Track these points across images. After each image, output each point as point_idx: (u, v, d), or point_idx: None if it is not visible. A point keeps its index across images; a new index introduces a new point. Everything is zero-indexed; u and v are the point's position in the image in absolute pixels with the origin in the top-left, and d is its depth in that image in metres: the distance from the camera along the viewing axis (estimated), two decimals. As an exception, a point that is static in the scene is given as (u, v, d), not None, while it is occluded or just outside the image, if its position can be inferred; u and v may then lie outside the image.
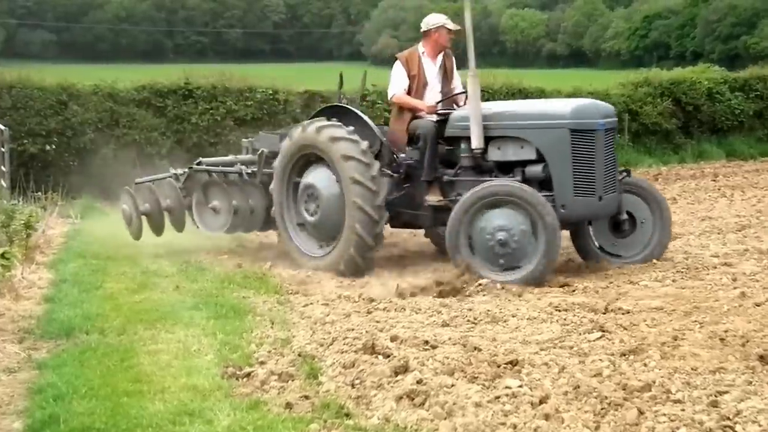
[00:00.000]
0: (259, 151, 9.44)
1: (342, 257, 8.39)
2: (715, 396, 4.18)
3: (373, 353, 5.35)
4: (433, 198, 8.43)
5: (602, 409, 4.21)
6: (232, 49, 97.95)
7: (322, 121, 8.62)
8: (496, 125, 8.17)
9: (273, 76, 17.42)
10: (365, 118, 8.85)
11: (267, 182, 9.20)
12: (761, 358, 4.70)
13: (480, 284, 7.39)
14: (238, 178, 9.57)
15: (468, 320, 6.23)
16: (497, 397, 4.44)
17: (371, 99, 15.64)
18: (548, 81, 20.39)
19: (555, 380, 4.66)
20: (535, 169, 7.98)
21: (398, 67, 9.03)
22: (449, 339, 5.58)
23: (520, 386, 4.57)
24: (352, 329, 6.03)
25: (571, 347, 5.34)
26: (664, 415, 4.05)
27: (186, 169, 9.93)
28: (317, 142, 8.51)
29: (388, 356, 5.25)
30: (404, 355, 5.17)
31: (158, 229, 9.67)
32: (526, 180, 7.90)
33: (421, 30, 9.21)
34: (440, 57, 9.13)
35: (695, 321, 5.73)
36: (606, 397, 4.30)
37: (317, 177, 8.67)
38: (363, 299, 7.22)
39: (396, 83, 9.00)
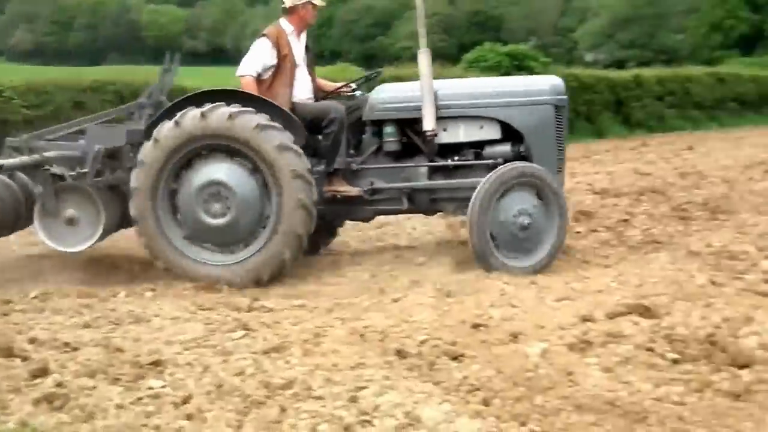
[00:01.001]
0: (96, 149, 7.56)
1: (284, 246, 7.25)
2: (355, 391, 4.30)
3: (10, 356, 5.01)
4: (347, 189, 7.72)
5: (245, 407, 4.20)
6: None
7: (202, 107, 7.29)
8: (446, 105, 7.73)
9: None
10: (261, 96, 7.63)
11: (103, 185, 7.67)
12: (398, 352, 4.90)
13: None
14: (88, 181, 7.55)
15: (110, 321, 5.97)
16: (140, 399, 4.32)
17: (7, 95, 14.70)
18: (190, 79, 20.22)
19: (198, 380, 4.60)
20: (500, 150, 7.74)
21: (266, 45, 7.88)
22: (91, 340, 5.34)
23: (163, 387, 4.48)
24: (-13, 331, 5.59)
25: (215, 346, 5.28)
26: (306, 411, 4.10)
27: None
28: (211, 127, 7.24)
29: (26, 359, 4.95)
30: (43, 358, 4.91)
31: None
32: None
33: (286, 6, 8.08)
34: (303, 36, 8.21)
35: (337, 318, 5.92)
36: (249, 396, 4.30)
37: (219, 171, 7.38)
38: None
39: (254, 62, 7.86)
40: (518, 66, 26.09)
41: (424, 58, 7.70)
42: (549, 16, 73.47)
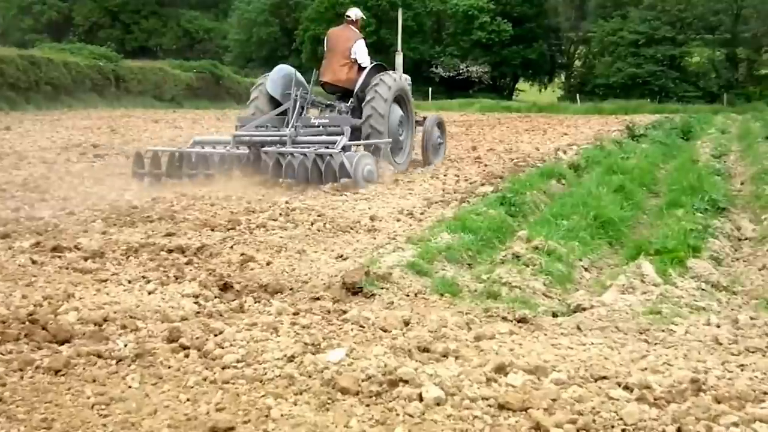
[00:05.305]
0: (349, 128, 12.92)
1: (409, 160, 14.77)
2: None
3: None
4: None
5: None
6: None
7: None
8: None
9: None
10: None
11: None
12: None
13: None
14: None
15: None
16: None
17: None
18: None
19: None
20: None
21: (365, 43, 14.34)
22: None
23: None
24: None
25: None
26: None
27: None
28: (401, 84, 14.42)
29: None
30: None
31: None
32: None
33: (353, 18, 14.45)
34: None
35: None
36: None
37: (400, 110, 14.41)
38: None
39: (367, 54, 14.26)
40: None
41: (399, 58, 15.10)
42: None
